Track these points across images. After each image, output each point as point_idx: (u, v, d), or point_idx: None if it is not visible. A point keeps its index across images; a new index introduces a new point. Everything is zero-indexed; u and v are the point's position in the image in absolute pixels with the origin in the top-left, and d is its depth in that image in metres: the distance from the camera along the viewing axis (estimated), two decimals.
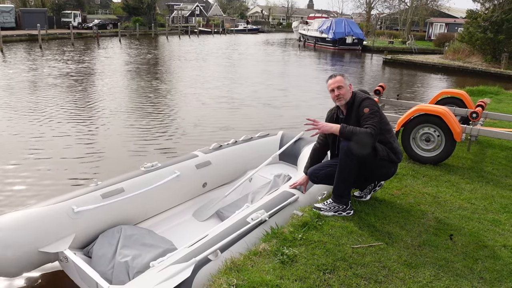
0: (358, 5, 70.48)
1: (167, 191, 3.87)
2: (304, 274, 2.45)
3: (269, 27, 79.87)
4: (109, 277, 2.87)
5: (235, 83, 14.56)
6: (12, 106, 9.65)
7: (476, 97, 9.55)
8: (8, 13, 36.45)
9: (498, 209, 3.56)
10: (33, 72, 15.40)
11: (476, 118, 5.06)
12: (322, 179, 3.27)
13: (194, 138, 7.75)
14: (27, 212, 3.02)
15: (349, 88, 3.18)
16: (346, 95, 3.16)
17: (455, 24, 41.56)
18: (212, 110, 10.27)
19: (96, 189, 3.43)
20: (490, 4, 22.74)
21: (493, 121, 6.89)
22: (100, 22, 45.51)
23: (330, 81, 3.21)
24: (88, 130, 7.97)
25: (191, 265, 2.41)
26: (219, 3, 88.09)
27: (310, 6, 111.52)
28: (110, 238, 3.21)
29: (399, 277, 2.50)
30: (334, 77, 3.20)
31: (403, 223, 3.18)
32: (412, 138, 4.78)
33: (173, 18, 64.26)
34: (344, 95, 3.16)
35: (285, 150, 4.78)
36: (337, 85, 3.15)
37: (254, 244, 2.80)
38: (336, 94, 3.17)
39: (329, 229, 2.98)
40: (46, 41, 30.65)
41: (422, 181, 4.17)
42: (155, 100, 11.24)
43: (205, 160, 4.30)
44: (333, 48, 36.10)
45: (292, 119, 9.63)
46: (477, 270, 2.61)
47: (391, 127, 3.28)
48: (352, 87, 3.23)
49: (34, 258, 2.93)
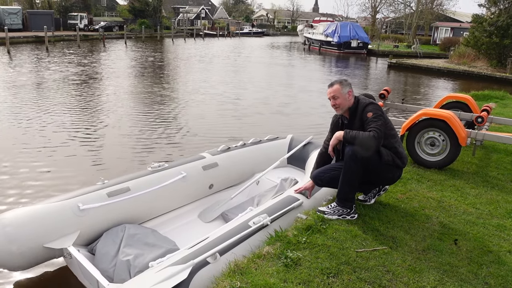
0: (363, 9, 70.21)
1: (172, 191, 3.88)
2: (308, 278, 2.45)
3: (274, 31, 79.99)
4: (110, 275, 2.90)
5: (242, 89, 14.29)
6: (18, 106, 9.71)
7: (481, 101, 9.51)
8: (15, 15, 36.77)
9: (503, 214, 3.54)
10: (39, 73, 15.50)
11: (481, 123, 5.05)
12: (326, 182, 3.27)
13: (199, 147, 7.42)
14: (33, 208, 3.07)
15: (347, 96, 3.18)
16: (342, 105, 3.18)
17: (460, 28, 41.45)
18: (219, 117, 9.86)
19: (103, 187, 3.46)
20: (496, 9, 22.66)
21: (499, 125, 6.86)
22: (106, 24, 45.79)
23: (328, 90, 3.24)
24: (94, 131, 8.01)
25: (188, 267, 2.41)
26: (225, 6, 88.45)
27: (316, 9, 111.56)
28: (114, 236, 3.24)
29: (403, 281, 2.49)
30: (331, 86, 3.22)
31: (408, 228, 3.17)
32: (417, 142, 4.77)
33: (178, 20, 64.59)
34: (340, 104, 3.18)
35: (294, 154, 4.76)
36: (333, 95, 3.19)
37: (255, 248, 2.79)
38: (332, 104, 3.22)
39: (333, 232, 2.98)
40: (53, 43, 30.86)
41: (426, 185, 4.15)
42: (161, 103, 11.28)
43: (212, 161, 4.31)
44: (338, 52, 36.09)
45: (303, 128, 9.00)
46: (481, 276, 2.60)
47: (396, 132, 3.27)
48: (351, 94, 3.20)
49: (38, 253, 2.97)
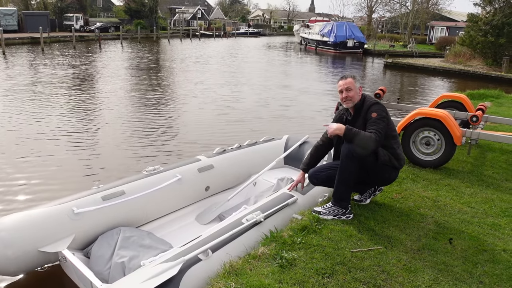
0: (359, 9, 70.49)
1: (168, 194, 3.87)
2: (303, 278, 2.45)
3: (271, 31, 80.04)
4: (105, 277, 2.89)
5: (238, 91, 14.02)
6: (12, 109, 9.66)
7: (476, 100, 9.54)
8: (11, 16, 36.65)
9: (498, 213, 3.55)
10: (34, 75, 15.43)
11: (476, 122, 5.06)
12: (322, 181, 3.27)
13: (196, 153, 7.05)
14: (28, 213, 3.07)
15: (358, 91, 3.18)
16: (354, 98, 3.16)
17: (456, 27, 41.58)
18: (216, 121, 9.44)
19: (97, 191, 3.46)
20: (491, 8, 22.76)
21: (494, 124, 6.88)
22: (102, 25, 45.71)
23: (341, 82, 3.20)
24: (89, 134, 7.98)
25: (179, 264, 2.42)
26: (221, 6, 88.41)
27: (312, 9, 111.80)
28: (109, 239, 3.23)
29: (398, 281, 2.50)
30: (345, 79, 3.19)
31: (403, 227, 3.18)
32: (412, 141, 4.78)
33: (174, 21, 64.49)
34: (352, 97, 3.15)
35: (290, 153, 4.76)
36: (347, 86, 3.15)
37: (249, 245, 2.80)
38: (344, 96, 3.16)
39: (328, 233, 2.98)
40: (48, 44, 30.76)
41: (422, 184, 4.16)
42: (156, 106, 11.23)
43: (208, 164, 4.30)
44: (334, 52, 36.14)
45: (304, 130, 8.18)
46: (476, 274, 2.61)
47: (397, 133, 3.28)
48: (361, 90, 3.22)
49: (34, 257, 2.97)
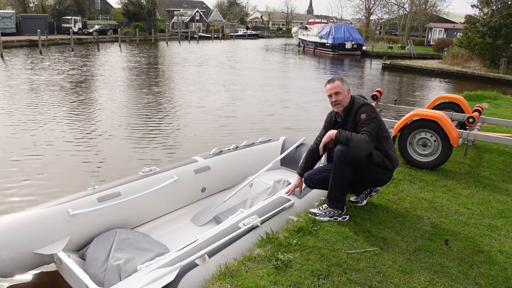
0: (357, 11, 70.39)
1: (164, 195, 3.86)
2: (298, 280, 2.44)
3: (269, 33, 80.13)
4: (101, 279, 2.88)
5: (237, 93, 14.00)
6: (10, 111, 9.65)
7: (474, 102, 9.55)
8: (9, 19, 36.62)
9: (494, 214, 3.55)
10: (31, 77, 15.42)
11: (473, 123, 5.07)
12: (317, 184, 3.27)
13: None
14: (23, 214, 3.06)
15: (347, 94, 3.14)
16: (344, 101, 3.13)
17: (454, 29, 41.73)
18: (214, 124, 9.39)
19: (93, 192, 3.45)
20: (489, 10, 22.85)
21: (491, 126, 6.89)
22: (100, 27, 45.69)
23: (329, 86, 3.15)
24: (87, 137, 7.97)
25: (176, 269, 2.40)
26: (219, 8, 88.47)
27: (310, 11, 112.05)
28: (105, 241, 3.22)
29: (394, 282, 2.49)
30: (333, 82, 3.13)
31: (399, 228, 3.17)
32: (409, 143, 4.78)
33: (173, 23, 64.51)
34: (342, 101, 3.12)
35: (287, 155, 4.75)
36: (335, 91, 3.10)
37: (246, 249, 2.79)
38: (334, 100, 3.13)
39: (324, 234, 2.97)
40: (47, 47, 30.76)
41: (418, 186, 4.16)
42: (154, 110, 11.21)
43: (204, 165, 4.29)
44: (333, 54, 36.21)
45: (304, 132, 7.86)
46: (472, 276, 2.60)
47: (389, 134, 3.26)
48: (350, 92, 3.19)
49: (28, 259, 2.95)
